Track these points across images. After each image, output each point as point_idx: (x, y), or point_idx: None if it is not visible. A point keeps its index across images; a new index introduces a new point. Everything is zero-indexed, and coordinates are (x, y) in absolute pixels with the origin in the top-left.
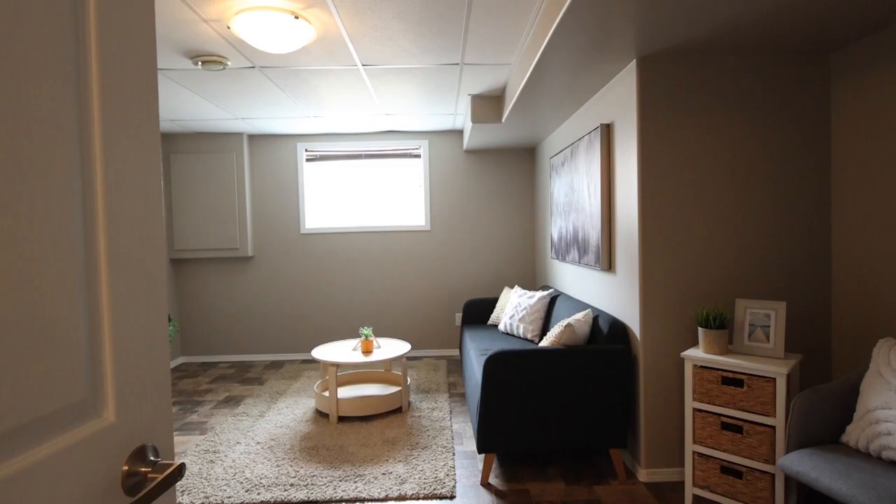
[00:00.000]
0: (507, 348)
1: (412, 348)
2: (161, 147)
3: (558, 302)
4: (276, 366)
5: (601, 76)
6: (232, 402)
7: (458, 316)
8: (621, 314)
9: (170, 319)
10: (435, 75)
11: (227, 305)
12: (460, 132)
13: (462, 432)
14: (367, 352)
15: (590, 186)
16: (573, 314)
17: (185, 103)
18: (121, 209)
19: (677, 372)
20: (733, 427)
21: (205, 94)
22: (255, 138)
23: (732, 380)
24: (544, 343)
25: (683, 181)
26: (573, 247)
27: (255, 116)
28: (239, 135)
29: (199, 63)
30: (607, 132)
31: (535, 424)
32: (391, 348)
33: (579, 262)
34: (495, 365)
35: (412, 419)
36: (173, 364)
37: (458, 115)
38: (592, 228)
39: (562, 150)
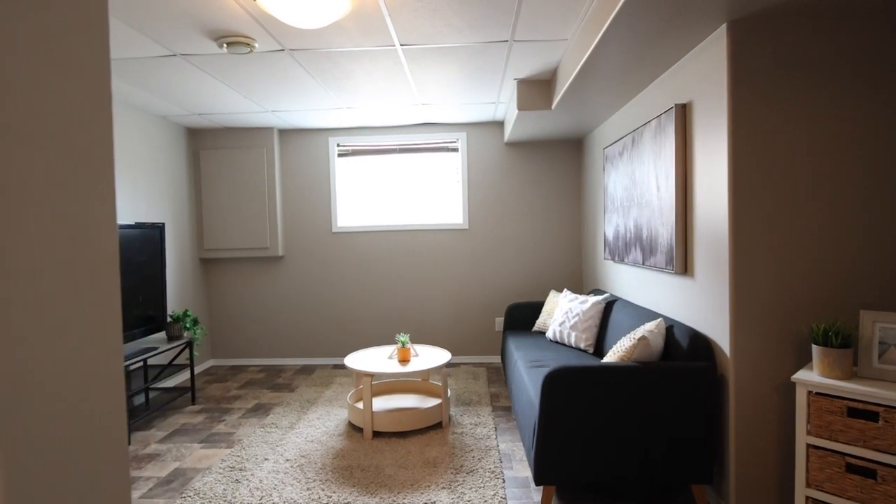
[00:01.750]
0: (569, 364)
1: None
2: (187, 136)
3: (615, 308)
4: (306, 371)
5: (678, 47)
6: (261, 410)
7: (499, 321)
8: (701, 325)
9: (197, 322)
10: (480, 55)
11: (256, 307)
12: (501, 123)
13: (510, 454)
14: (403, 361)
15: (659, 178)
16: (636, 323)
17: (211, 94)
18: (17, 172)
19: (779, 397)
20: (863, 470)
21: (232, 83)
22: (285, 133)
23: (863, 412)
24: (611, 358)
25: (788, 170)
26: (634, 247)
27: (286, 109)
28: (269, 129)
29: (225, 45)
30: (683, 114)
31: (603, 453)
32: (430, 357)
33: (643, 264)
34: (557, 383)
35: (454, 436)
36: (202, 367)
37: (499, 103)
38: (662, 226)
39: (620, 139)
